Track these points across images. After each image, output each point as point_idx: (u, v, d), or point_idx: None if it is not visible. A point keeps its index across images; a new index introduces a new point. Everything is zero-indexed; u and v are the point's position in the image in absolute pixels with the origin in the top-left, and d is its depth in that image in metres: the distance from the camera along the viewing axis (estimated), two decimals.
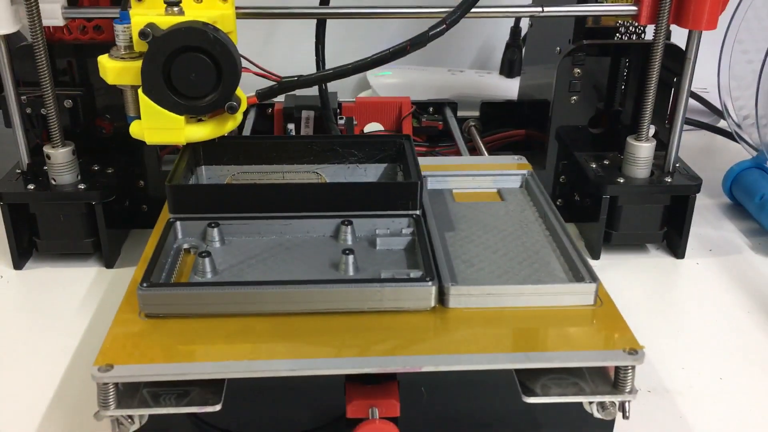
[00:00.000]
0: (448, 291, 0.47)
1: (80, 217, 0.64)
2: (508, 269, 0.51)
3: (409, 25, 0.64)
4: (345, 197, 0.54)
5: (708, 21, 0.60)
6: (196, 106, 0.54)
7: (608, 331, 0.45)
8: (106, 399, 0.41)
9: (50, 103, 0.61)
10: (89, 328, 0.58)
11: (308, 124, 0.77)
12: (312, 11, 0.66)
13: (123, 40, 0.54)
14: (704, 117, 0.96)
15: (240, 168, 0.61)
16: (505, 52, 1.00)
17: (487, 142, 0.82)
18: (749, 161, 0.78)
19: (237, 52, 0.54)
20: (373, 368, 0.42)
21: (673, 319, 0.61)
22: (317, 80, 0.64)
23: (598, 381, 0.44)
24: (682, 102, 0.65)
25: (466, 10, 0.60)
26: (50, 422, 0.49)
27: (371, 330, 0.45)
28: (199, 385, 0.42)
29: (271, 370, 0.42)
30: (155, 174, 0.69)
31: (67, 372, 0.54)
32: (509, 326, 0.46)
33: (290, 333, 0.45)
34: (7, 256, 0.65)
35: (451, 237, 0.55)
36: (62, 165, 0.63)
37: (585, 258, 0.50)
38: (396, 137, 0.64)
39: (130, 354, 0.43)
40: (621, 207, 0.67)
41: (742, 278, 0.66)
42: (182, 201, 0.53)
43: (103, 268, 0.66)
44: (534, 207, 0.60)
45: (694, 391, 0.53)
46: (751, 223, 0.75)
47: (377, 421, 0.43)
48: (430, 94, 0.93)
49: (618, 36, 0.72)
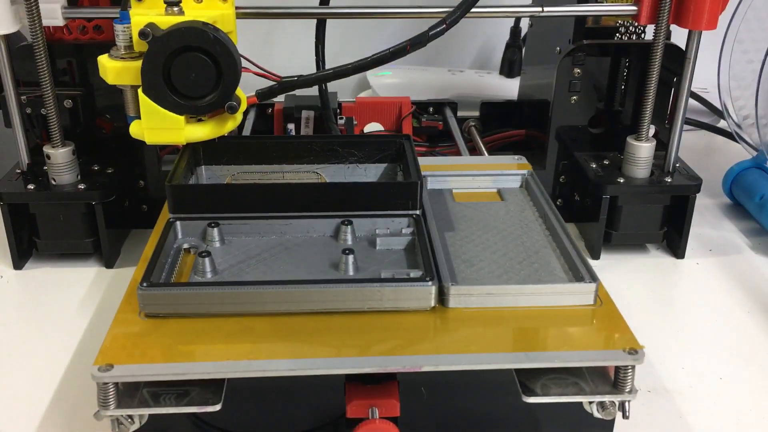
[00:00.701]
0: (448, 291, 0.47)
1: (80, 217, 0.64)
2: (508, 269, 0.51)
3: (409, 25, 0.64)
4: (345, 197, 0.54)
5: (708, 21, 0.60)
6: (196, 106, 0.54)
7: (608, 330, 0.45)
8: (106, 399, 0.41)
9: (50, 103, 0.61)
10: (89, 328, 0.58)
11: (308, 124, 0.77)
12: (312, 11, 0.66)
13: (123, 40, 0.54)
14: (704, 117, 0.96)
15: (240, 168, 0.61)
16: (505, 52, 1.00)
17: (487, 142, 0.82)
18: (749, 161, 0.78)
19: (237, 52, 0.54)
20: (373, 368, 0.42)
21: (673, 319, 0.61)
22: (317, 80, 0.64)
23: (598, 381, 0.44)
24: (682, 102, 0.65)
25: (466, 10, 0.60)
26: (50, 422, 0.49)
27: (371, 330, 0.45)
28: (199, 385, 0.43)
29: (271, 369, 0.42)
30: (155, 174, 0.69)
31: (67, 372, 0.54)
32: (509, 326, 0.46)
33: (290, 333, 0.45)
34: (7, 256, 0.65)
35: (451, 237, 0.55)
36: (62, 165, 0.63)
37: (585, 258, 0.50)
38: (396, 137, 0.64)
39: (130, 354, 0.43)
40: (621, 207, 0.67)
41: (742, 278, 0.66)
42: (182, 201, 0.53)
43: (103, 268, 0.66)
44: (534, 207, 0.60)
45: (694, 391, 0.53)
46: (751, 223, 0.75)
47: (377, 421, 0.43)
48: (430, 94, 0.93)
49: (618, 36, 0.71)
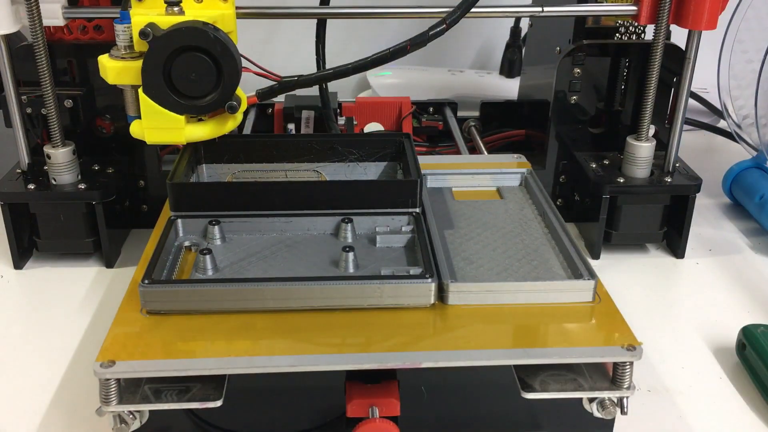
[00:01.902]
0: (448, 288, 0.47)
1: (80, 217, 0.64)
2: (507, 266, 0.51)
3: (409, 25, 0.64)
4: (345, 195, 0.54)
5: (708, 21, 0.61)
6: (196, 105, 0.54)
7: (606, 327, 0.46)
8: (108, 395, 0.41)
9: (50, 103, 0.61)
10: (89, 328, 0.58)
11: (308, 124, 0.77)
12: (312, 11, 0.66)
13: (123, 40, 0.54)
14: (704, 117, 0.96)
15: (240, 166, 0.61)
16: (505, 52, 1.00)
17: (487, 142, 0.82)
18: (749, 161, 0.78)
19: (237, 51, 0.54)
20: (373, 364, 0.42)
21: (673, 318, 0.61)
22: (317, 80, 0.64)
23: (596, 377, 0.44)
24: (682, 102, 0.65)
25: (466, 10, 0.60)
26: (50, 422, 0.49)
27: (371, 327, 0.45)
28: (200, 381, 0.43)
29: (272, 366, 0.42)
30: (155, 174, 0.69)
31: (68, 371, 0.54)
32: (508, 323, 0.46)
33: (291, 330, 0.45)
34: (7, 256, 0.65)
35: (451, 235, 0.55)
36: (62, 165, 0.63)
37: (583, 255, 0.50)
38: (396, 135, 0.64)
39: (131, 350, 0.43)
40: (621, 207, 0.67)
41: (742, 278, 0.66)
42: (183, 199, 0.54)
43: (103, 268, 0.66)
44: (533, 205, 0.60)
45: (694, 391, 0.53)
46: (751, 223, 0.75)
47: (377, 420, 0.43)
48: (430, 94, 0.93)
49: (618, 36, 0.72)
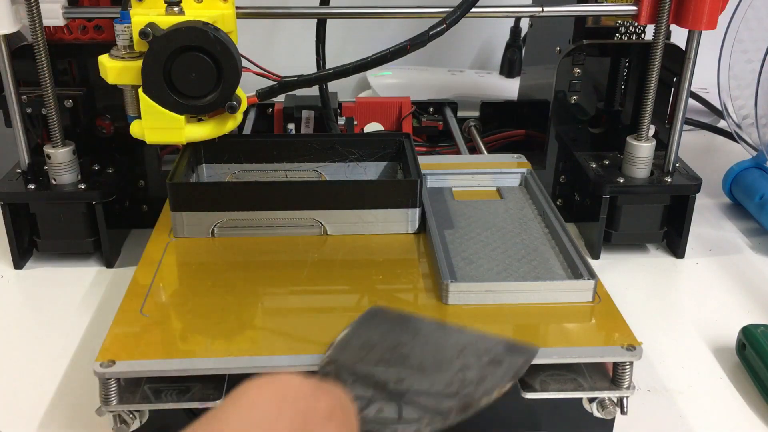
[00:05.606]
0: (448, 288, 0.47)
1: (80, 217, 0.64)
2: (507, 266, 0.51)
3: (409, 25, 0.64)
4: (345, 195, 0.54)
5: (708, 21, 0.61)
6: (196, 105, 0.54)
7: (606, 327, 0.46)
8: (108, 394, 0.42)
9: (50, 103, 0.61)
10: (89, 328, 0.58)
11: (308, 124, 0.77)
12: (312, 11, 0.66)
13: (123, 40, 0.54)
14: (704, 117, 0.96)
15: (240, 166, 0.61)
16: (505, 52, 1.00)
17: (487, 142, 0.82)
18: (749, 161, 0.77)
19: (237, 51, 0.54)
20: None
21: (673, 318, 0.61)
22: (317, 80, 0.64)
23: (596, 377, 0.44)
24: (682, 102, 0.65)
25: (466, 10, 0.60)
26: (50, 422, 0.49)
27: None
28: (200, 381, 0.43)
29: (272, 366, 0.42)
30: (155, 174, 0.69)
31: (68, 371, 0.54)
32: (508, 323, 0.46)
33: (290, 329, 0.45)
34: (7, 256, 0.65)
35: (451, 235, 0.55)
36: (62, 165, 0.63)
37: (583, 255, 0.50)
38: (396, 135, 0.64)
39: (131, 350, 0.43)
40: (621, 207, 0.67)
41: (742, 278, 0.66)
42: (183, 198, 0.54)
43: (103, 268, 0.66)
44: (533, 205, 0.60)
45: (694, 391, 0.53)
46: (751, 223, 0.75)
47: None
48: (430, 94, 0.93)
49: (618, 36, 0.72)
